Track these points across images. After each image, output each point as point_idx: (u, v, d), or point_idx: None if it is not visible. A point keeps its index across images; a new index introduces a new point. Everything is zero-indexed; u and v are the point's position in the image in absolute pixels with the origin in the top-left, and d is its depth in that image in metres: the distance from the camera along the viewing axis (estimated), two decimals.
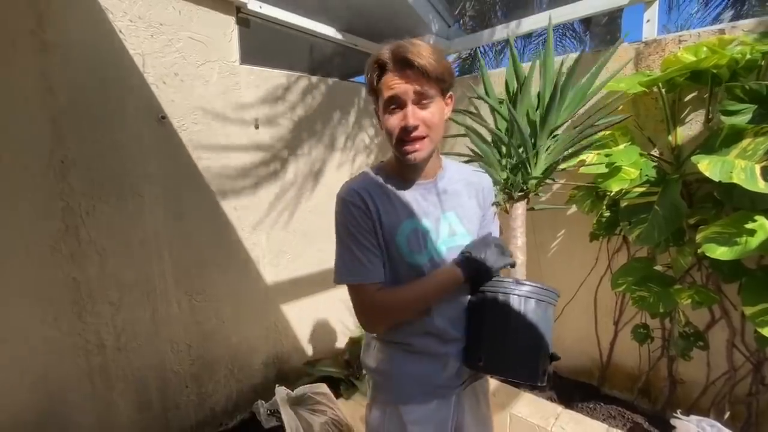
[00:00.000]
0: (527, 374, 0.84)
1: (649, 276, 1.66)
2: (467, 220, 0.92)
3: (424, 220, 0.88)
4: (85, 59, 1.39)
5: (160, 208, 1.61)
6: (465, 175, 0.97)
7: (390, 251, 0.85)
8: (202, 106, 1.70)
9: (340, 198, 0.86)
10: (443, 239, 0.89)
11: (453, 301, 0.91)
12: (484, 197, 0.98)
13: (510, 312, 0.84)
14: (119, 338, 1.54)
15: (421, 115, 0.79)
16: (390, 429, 0.92)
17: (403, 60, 0.77)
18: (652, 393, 1.90)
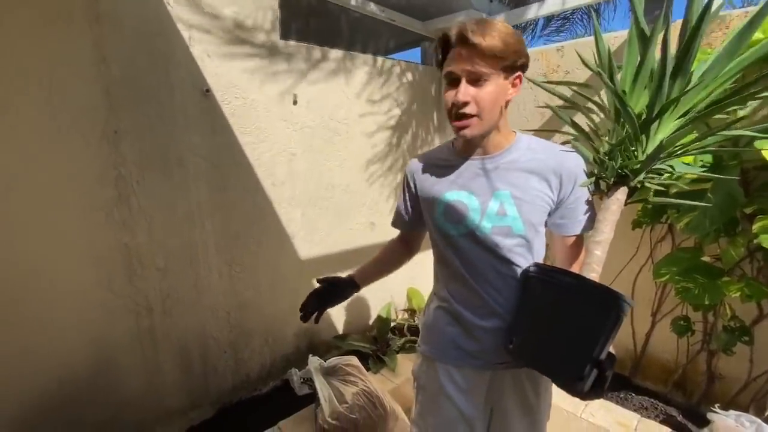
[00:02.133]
0: (557, 372, 0.78)
1: (695, 267, 1.60)
2: (523, 203, 0.87)
3: (469, 194, 0.89)
4: (134, 31, 1.42)
5: (203, 180, 1.66)
6: (540, 154, 0.89)
7: (429, 219, 0.97)
8: (244, 80, 1.72)
9: (408, 165, 1.06)
10: (490, 216, 0.87)
11: (490, 272, 0.89)
12: (561, 181, 0.88)
13: (555, 304, 0.80)
14: (165, 303, 1.62)
15: (473, 93, 0.81)
16: (427, 380, 1.00)
17: (462, 38, 0.79)
18: (688, 387, 1.86)
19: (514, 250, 0.89)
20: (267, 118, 1.82)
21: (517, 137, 0.92)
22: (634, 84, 1.50)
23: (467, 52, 0.79)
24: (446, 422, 0.95)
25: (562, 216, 0.91)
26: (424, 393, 1.02)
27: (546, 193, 0.87)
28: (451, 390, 0.95)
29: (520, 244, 0.89)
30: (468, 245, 0.90)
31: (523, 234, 0.88)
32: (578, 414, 1.70)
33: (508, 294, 0.90)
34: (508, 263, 0.89)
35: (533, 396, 0.98)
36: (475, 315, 0.92)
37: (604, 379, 0.73)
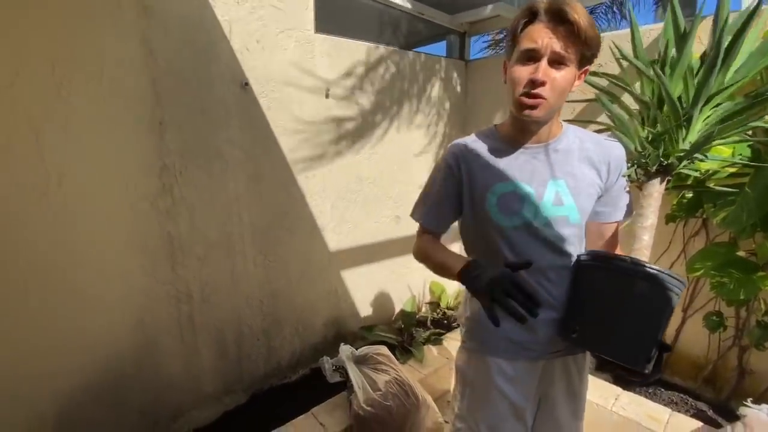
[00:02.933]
0: (626, 355, 0.78)
1: (730, 261, 1.59)
2: (579, 192, 0.87)
3: (525, 184, 0.86)
4: (178, 24, 1.46)
5: (241, 172, 1.70)
6: (588, 143, 0.90)
7: (478, 209, 0.90)
8: (280, 73, 1.75)
9: (444, 152, 0.97)
10: (546, 206, 0.86)
11: (546, 264, 0.88)
12: (609, 169, 0.89)
13: (618, 289, 0.81)
14: (204, 290, 1.67)
15: (552, 75, 0.77)
16: (476, 375, 0.98)
17: (558, 12, 0.74)
18: (717, 382, 1.86)
19: (569, 240, 0.88)
20: (300, 111, 1.85)
21: (565, 127, 0.91)
22: (671, 77, 1.51)
23: (557, 31, 0.75)
24: (497, 416, 0.94)
25: (605, 204, 0.92)
26: (472, 388, 0.99)
27: (596, 181, 0.88)
28: (502, 384, 0.93)
29: (575, 234, 0.89)
30: (522, 237, 0.87)
31: (578, 223, 0.88)
32: (609, 407, 1.70)
33: (562, 284, 0.90)
34: (562, 254, 0.88)
35: (578, 381, 1.00)
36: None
37: (661, 359, 0.78)
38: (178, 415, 1.69)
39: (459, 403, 1.02)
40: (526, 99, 0.79)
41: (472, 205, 0.91)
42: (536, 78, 0.76)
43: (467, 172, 0.91)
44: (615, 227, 0.96)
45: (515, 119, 0.86)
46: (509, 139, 0.90)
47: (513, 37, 0.81)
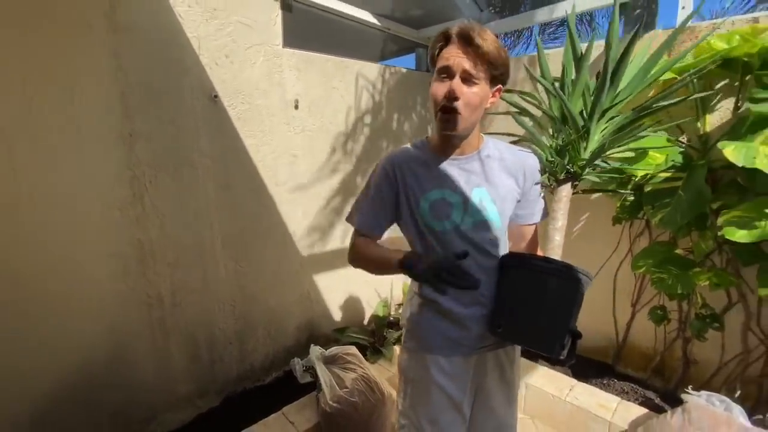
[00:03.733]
0: (543, 346, 0.89)
1: (669, 259, 1.73)
2: (500, 199, 0.97)
3: (452, 192, 0.95)
4: (149, 40, 1.53)
5: (211, 180, 1.77)
6: (506, 154, 1.01)
7: (414, 214, 0.98)
8: (249, 86, 1.83)
9: (380, 162, 1.03)
10: (471, 213, 0.95)
11: (475, 265, 0.96)
12: (524, 177, 1.00)
13: (533, 286, 0.92)
14: (175, 295, 1.72)
15: (464, 91, 0.86)
16: (416, 373, 1.05)
17: (466, 36, 0.85)
18: (666, 372, 1.99)
19: (493, 242, 0.98)
20: (270, 122, 1.93)
21: (485, 140, 1.02)
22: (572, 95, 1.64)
23: (467, 52, 0.85)
24: (437, 409, 1.01)
25: (523, 208, 1.03)
26: (414, 385, 1.05)
27: (514, 188, 0.99)
28: (440, 379, 1.00)
29: (498, 237, 0.99)
30: (453, 240, 0.95)
31: (500, 227, 0.98)
32: (563, 398, 1.81)
33: (489, 283, 0.99)
34: (488, 255, 0.98)
35: (510, 371, 1.09)
36: (461, 306, 0.99)
37: (575, 345, 0.90)
38: (151, 417, 1.73)
39: (402, 401, 1.09)
40: (443, 114, 0.88)
41: (409, 210, 0.98)
42: (450, 93, 0.86)
43: (402, 179, 0.98)
44: (534, 228, 1.08)
45: (440, 134, 0.95)
46: (438, 150, 0.98)
47: (432, 60, 0.92)
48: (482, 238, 0.96)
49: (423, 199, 0.96)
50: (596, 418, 1.72)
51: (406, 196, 0.98)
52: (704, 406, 1.60)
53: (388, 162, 1.00)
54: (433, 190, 0.96)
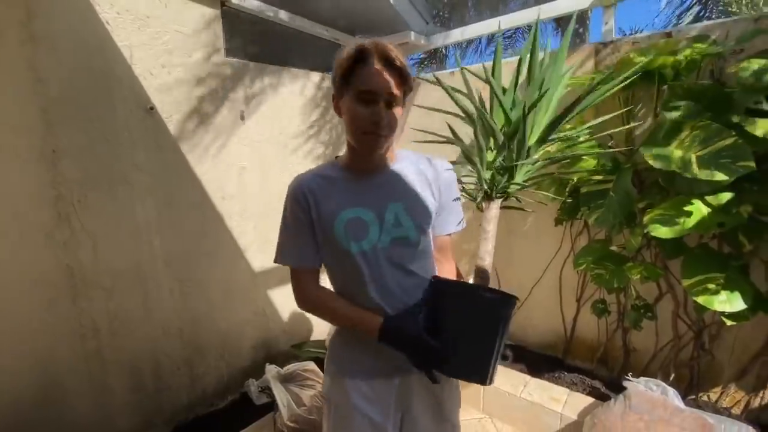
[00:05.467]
0: (473, 375, 0.86)
1: (605, 255, 1.85)
2: (417, 213, 0.93)
3: (367, 210, 0.91)
4: (72, 50, 1.42)
5: (150, 198, 1.66)
6: (421, 166, 0.98)
7: (328, 237, 0.91)
8: (189, 97, 1.75)
9: (287, 192, 0.95)
10: (387, 229, 0.91)
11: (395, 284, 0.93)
12: (440, 188, 0.98)
13: (456, 314, 0.87)
14: (113, 323, 1.59)
15: (391, 115, 0.85)
16: (337, 397, 1.00)
17: (388, 59, 0.82)
18: (609, 362, 2.12)
19: (412, 259, 0.94)
20: (215, 134, 1.86)
21: (399, 153, 0.99)
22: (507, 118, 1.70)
23: (390, 74, 0.82)
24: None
25: (440, 216, 1.01)
26: (336, 410, 1.01)
27: (430, 200, 0.96)
28: (361, 403, 0.96)
29: (417, 252, 0.95)
30: (372, 260, 0.91)
31: (418, 241, 0.94)
32: (518, 394, 1.88)
33: (410, 303, 0.93)
34: (408, 273, 0.94)
35: (440, 389, 1.01)
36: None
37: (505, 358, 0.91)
38: None
39: (325, 425, 1.05)
40: (369, 139, 0.85)
41: (323, 234, 0.92)
42: (380, 121, 0.83)
43: (314, 203, 0.92)
44: (448, 238, 1.06)
45: (355, 151, 0.91)
46: (350, 168, 0.94)
47: (345, 76, 0.85)
48: (400, 255, 0.93)
49: (337, 220, 0.90)
50: (549, 411, 1.80)
51: (320, 220, 0.92)
52: (643, 392, 1.72)
53: (296, 189, 0.93)
54: (347, 209, 0.91)
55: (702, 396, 1.88)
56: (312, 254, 0.94)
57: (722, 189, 1.39)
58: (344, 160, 0.96)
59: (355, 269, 0.91)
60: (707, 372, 1.86)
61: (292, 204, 0.93)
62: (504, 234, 2.28)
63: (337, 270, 0.96)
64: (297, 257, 0.94)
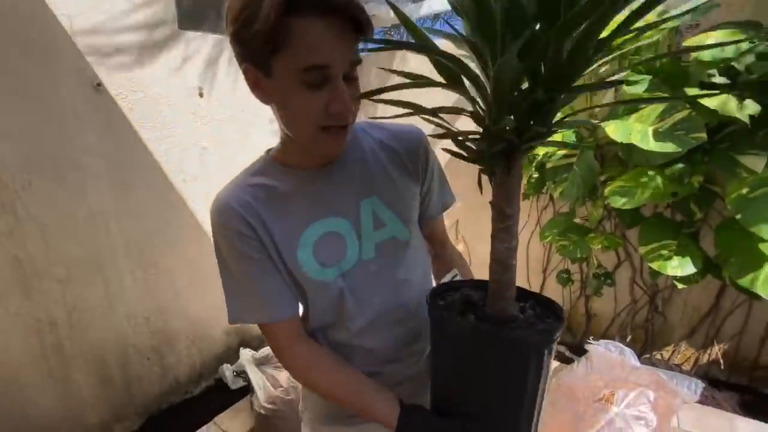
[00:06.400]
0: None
1: (570, 227, 1.93)
2: (396, 202, 0.71)
3: (338, 218, 0.67)
4: (2, 21, 1.28)
5: (104, 182, 1.56)
6: (387, 141, 0.73)
7: (295, 273, 0.66)
8: (141, 73, 1.63)
9: (213, 220, 0.64)
10: (368, 235, 0.69)
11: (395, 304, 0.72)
12: (418, 160, 0.74)
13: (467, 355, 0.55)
14: (71, 315, 1.51)
15: (354, 88, 0.58)
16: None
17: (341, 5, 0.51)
18: (573, 327, 2.24)
19: (407, 263, 0.73)
20: (171, 112, 1.75)
21: (355, 129, 0.72)
22: None
23: (350, 29, 0.53)
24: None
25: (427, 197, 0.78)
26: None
27: (410, 181, 0.74)
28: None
29: (411, 252, 0.74)
30: (359, 282, 0.68)
31: (408, 238, 0.73)
32: None
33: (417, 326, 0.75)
34: (407, 283, 0.73)
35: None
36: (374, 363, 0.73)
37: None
38: None
39: None
40: (329, 136, 0.58)
41: (287, 270, 0.66)
42: (344, 108, 0.55)
43: (262, 227, 0.63)
44: (441, 219, 0.86)
45: (303, 147, 0.65)
46: (296, 168, 0.67)
47: (270, 40, 0.51)
48: (392, 264, 0.71)
49: (300, 245, 0.65)
50: None
51: (277, 252, 0.65)
52: (603, 353, 1.83)
53: (228, 213, 0.63)
54: (311, 226, 0.66)
55: (656, 354, 2.03)
56: (286, 297, 0.67)
57: (676, 160, 1.46)
58: (287, 158, 0.68)
59: (335, 302, 0.68)
60: (660, 332, 2.01)
61: (228, 237, 0.63)
62: (480, 208, 2.32)
63: (316, 306, 0.70)
64: (265, 310, 0.66)
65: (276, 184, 0.66)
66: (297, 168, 0.67)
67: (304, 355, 0.68)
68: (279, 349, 0.69)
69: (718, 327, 1.85)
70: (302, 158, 0.67)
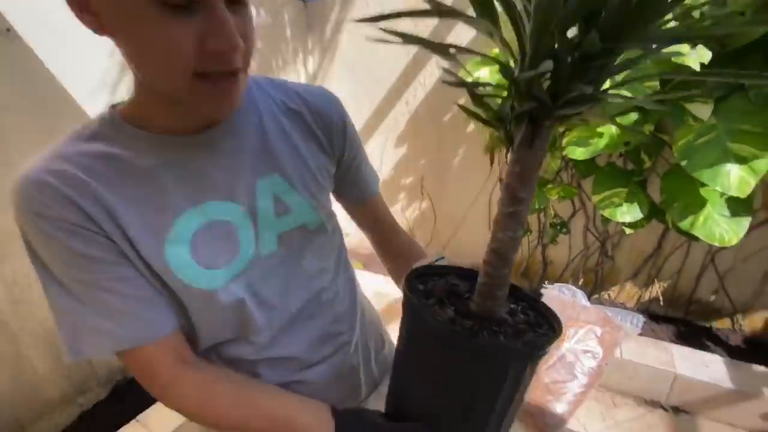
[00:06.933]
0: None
1: None
2: (306, 181, 0.56)
3: (224, 202, 0.50)
4: None
5: (29, 144, 1.40)
6: (289, 101, 0.56)
7: (159, 274, 0.47)
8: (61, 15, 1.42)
9: (19, 210, 0.44)
10: (268, 224, 0.53)
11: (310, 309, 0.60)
12: (326, 130, 0.58)
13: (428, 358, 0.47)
14: (12, 290, 1.41)
15: (243, 28, 0.41)
16: None
17: None
18: (530, 275, 2.37)
19: (320, 252, 0.60)
20: (106, 57, 1.56)
21: (249, 83, 0.56)
22: None
23: None
24: None
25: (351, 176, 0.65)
26: None
27: (322, 157, 0.59)
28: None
29: (325, 241, 0.61)
30: (257, 286, 0.53)
31: (322, 224, 0.59)
32: None
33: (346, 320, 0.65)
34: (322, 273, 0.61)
35: None
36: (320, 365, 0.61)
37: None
38: (18, 431, 1.48)
39: None
40: (212, 86, 0.42)
41: (152, 274, 0.48)
42: (227, 48, 0.39)
43: (107, 218, 0.45)
44: (382, 202, 0.72)
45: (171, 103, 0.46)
46: (159, 132, 0.47)
47: None
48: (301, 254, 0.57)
49: (170, 244, 0.47)
50: None
51: (135, 254, 0.47)
52: (556, 296, 1.96)
53: (43, 198, 0.43)
54: (183, 215, 0.48)
55: (604, 295, 2.20)
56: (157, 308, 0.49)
57: (630, 110, 1.50)
58: (140, 114, 0.47)
59: (231, 314, 0.52)
60: (609, 275, 2.17)
61: (47, 232, 0.43)
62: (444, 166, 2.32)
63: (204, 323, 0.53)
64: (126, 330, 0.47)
65: (125, 154, 0.46)
66: (161, 132, 0.47)
67: (197, 383, 0.50)
68: (157, 383, 0.49)
69: (659, 267, 2.01)
70: (168, 118, 0.46)
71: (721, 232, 1.40)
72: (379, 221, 0.72)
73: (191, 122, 0.49)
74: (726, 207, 1.42)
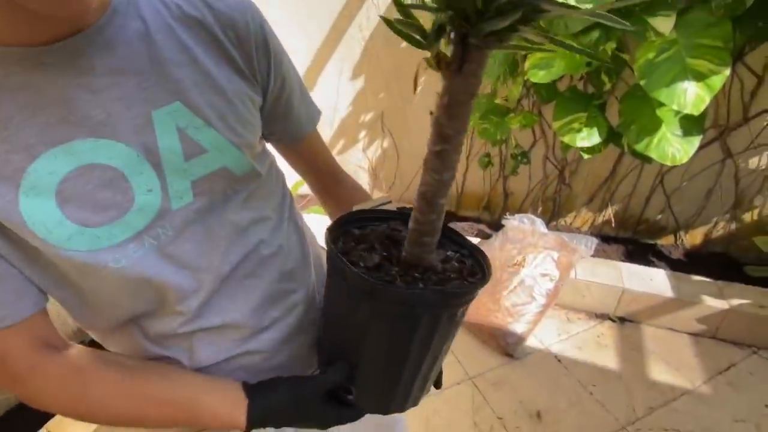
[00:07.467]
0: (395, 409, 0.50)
1: (491, 109, 1.91)
2: (218, 109, 0.43)
3: (101, 139, 0.38)
4: None
5: None
6: (186, 5, 0.41)
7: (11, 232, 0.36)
8: None
9: None
10: (177, 169, 0.41)
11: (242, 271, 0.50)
12: (241, 47, 0.44)
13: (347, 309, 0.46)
14: None
15: None
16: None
17: None
18: (491, 207, 2.40)
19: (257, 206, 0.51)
20: None
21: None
22: None
23: None
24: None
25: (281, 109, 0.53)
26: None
27: (236, 78, 0.45)
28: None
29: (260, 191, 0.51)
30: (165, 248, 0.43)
31: (252, 168, 0.48)
32: None
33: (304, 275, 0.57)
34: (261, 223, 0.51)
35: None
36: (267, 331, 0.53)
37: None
38: None
39: None
40: None
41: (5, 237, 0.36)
42: None
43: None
44: (320, 139, 0.61)
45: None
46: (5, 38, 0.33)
47: None
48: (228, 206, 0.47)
49: (25, 195, 0.35)
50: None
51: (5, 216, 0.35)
52: (517, 226, 2.01)
53: None
54: (40, 158, 0.35)
55: (561, 221, 2.28)
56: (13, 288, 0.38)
57: (592, 28, 1.42)
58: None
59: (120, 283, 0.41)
60: (566, 202, 2.23)
61: None
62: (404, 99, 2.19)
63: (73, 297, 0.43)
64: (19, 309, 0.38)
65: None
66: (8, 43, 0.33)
67: (64, 372, 0.41)
68: (11, 375, 0.40)
69: (612, 192, 2.08)
70: (2, 21, 0.32)
71: (673, 151, 1.43)
72: (318, 164, 0.62)
73: (37, 27, 0.33)
74: (679, 126, 1.43)
